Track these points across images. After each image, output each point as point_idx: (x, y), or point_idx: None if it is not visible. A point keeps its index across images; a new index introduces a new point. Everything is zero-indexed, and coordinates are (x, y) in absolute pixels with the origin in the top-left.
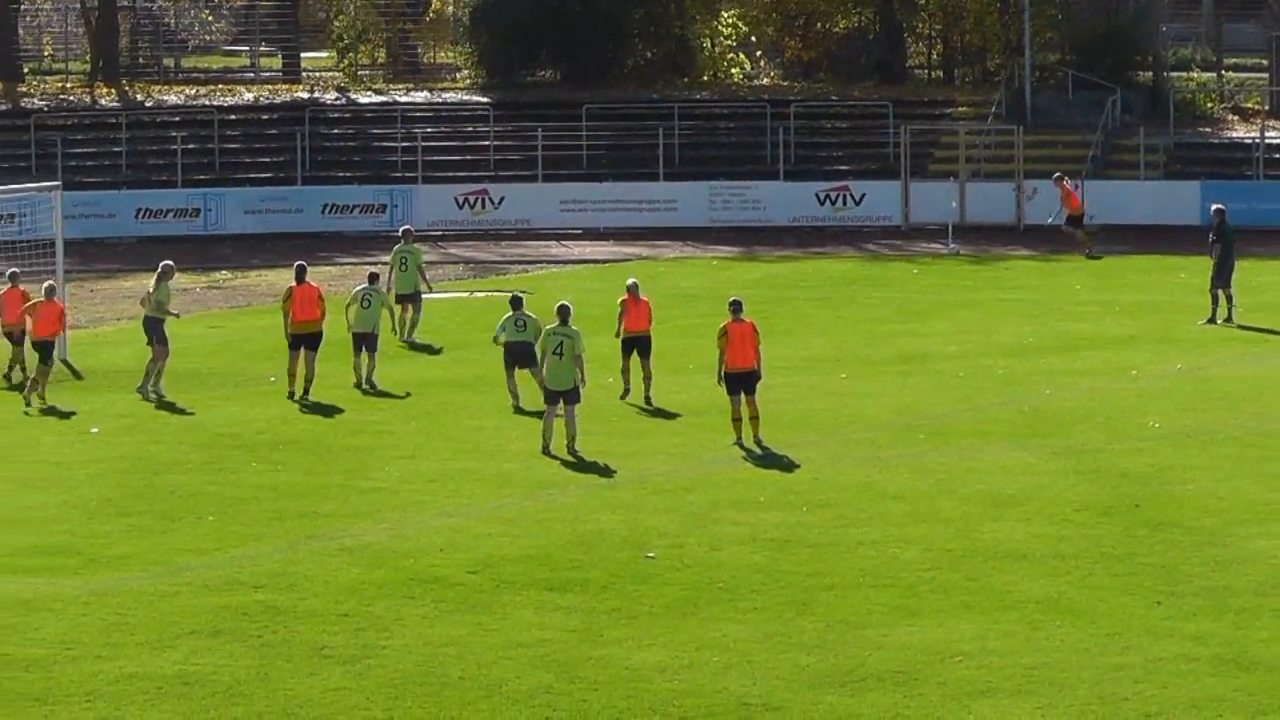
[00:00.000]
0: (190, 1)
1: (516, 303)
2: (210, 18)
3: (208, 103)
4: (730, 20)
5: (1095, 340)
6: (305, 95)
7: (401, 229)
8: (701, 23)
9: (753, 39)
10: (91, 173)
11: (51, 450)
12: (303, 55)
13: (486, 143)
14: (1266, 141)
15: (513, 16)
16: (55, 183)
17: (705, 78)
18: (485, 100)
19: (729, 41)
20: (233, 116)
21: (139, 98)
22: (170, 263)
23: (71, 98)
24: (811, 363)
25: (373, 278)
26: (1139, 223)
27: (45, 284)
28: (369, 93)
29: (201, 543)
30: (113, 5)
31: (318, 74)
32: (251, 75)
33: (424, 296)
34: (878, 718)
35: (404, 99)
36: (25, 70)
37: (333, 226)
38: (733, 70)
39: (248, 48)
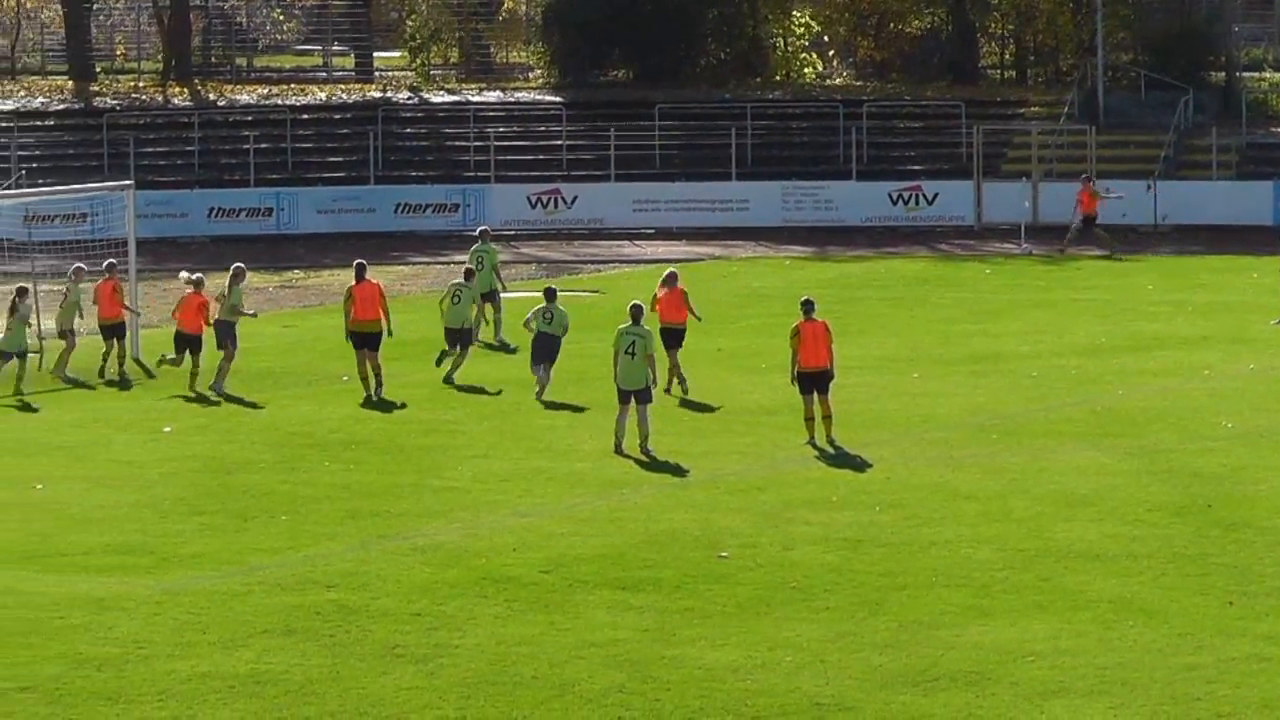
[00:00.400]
0: (262, 1)
1: (550, 294)
2: (282, 17)
3: (280, 102)
4: (803, 20)
5: (1168, 340)
6: (378, 95)
7: (479, 229)
8: (774, 22)
9: (825, 39)
10: (164, 172)
11: (124, 449)
12: (375, 55)
13: (559, 142)
14: None
15: (585, 16)
16: (128, 182)
17: (778, 77)
18: (558, 100)
19: (802, 41)
20: (305, 116)
21: (211, 97)
22: (241, 265)
23: (144, 97)
24: (884, 362)
25: (468, 274)
26: (1211, 223)
27: (194, 275)
28: (441, 92)
29: (274, 542)
30: (185, 4)
31: (390, 74)
32: (324, 75)
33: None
34: (950, 718)
35: (476, 99)
36: (98, 69)
37: (405, 226)
38: (805, 70)
39: (320, 47)
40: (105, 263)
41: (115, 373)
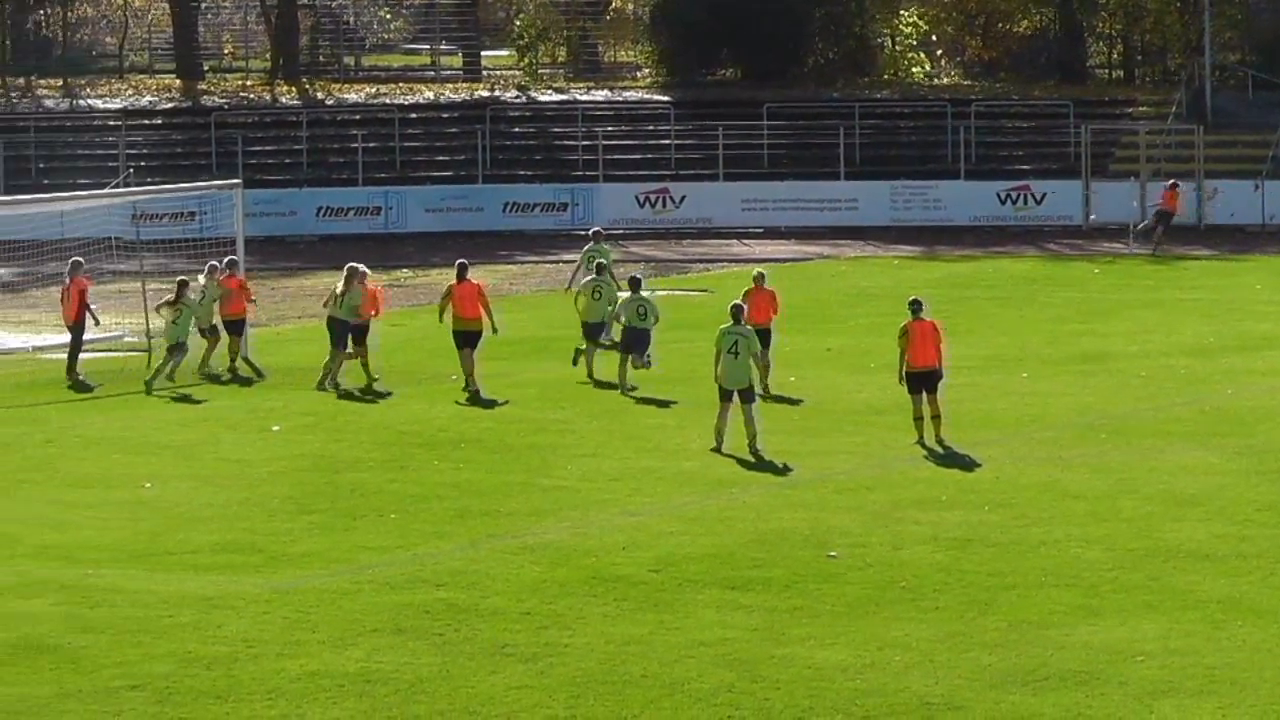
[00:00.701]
0: (370, 0)
1: (635, 284)
2: (390, 16)
3: (388, 101)
4: (910, 19)
5: (1276, 340)
6: (486, 94)
7: (591, 230)
8: (882, 22)
9: (933, 38)
10: (272, 171)
11: (233, 448)
12: (483, 54)
13: (667, 141)
14: None
15: (693, 15)
16: (236, 180)
17: (886, 77)
18: (666, 99)
19: (909, 41)
20: (413, 115)
21: (319, 96)
22: (361, 266)
23: (252, 96)
24: (993, 362)
25: (600, 269)
26: None
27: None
28: (549, 91)
29: (383, 541)
30: (293, 3)
31: (498, 72)
32: (432, 74)
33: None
34: (1059, 717)
35: (584, 97)
36: (206, 68)
37: (514, 225)
38: (913, 69)
39: (428, 46)
40: (226, 259)
41: (227, 369)
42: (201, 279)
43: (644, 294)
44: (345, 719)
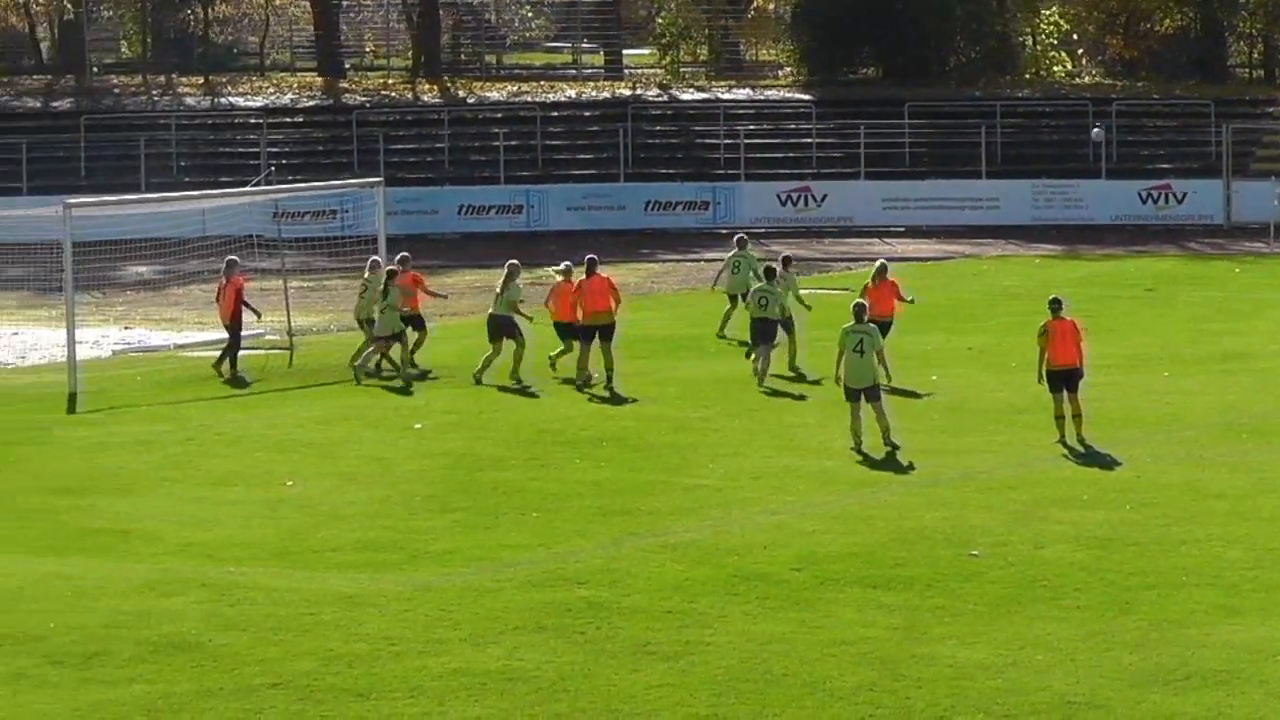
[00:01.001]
0: None
1: (769, 274)
2: (531, 14)
3: (530, 99)
4: (1052, 18)
5: None
6: (627, 92)
7: (736, 237)
8: (1023, 20)
9: (1074, 37)
10: (414, 169)
11: (375, 446)
12: (625, 52)
13: (809, 140)
14: None
15: (835, 13)
16: (377, 179)
17: (1027, 75)
18: (807, 97)
19: (1050, 40)
20: (555, 113)
21: (461, 94)
22: (516, 261)
23: (393, 94)
24: (1134, 361)
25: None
26: None
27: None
28: (691, 90)
29: (525, 539)
30: (435, 2)
31: (640, 71)
32: (574, 72)
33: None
34: (1201, 717)
35: (726, 96)
36: (347, 66)
37: (655, 223)
38: (1054, 68)
39: (569, 44)
40: (399, 255)
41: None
42: (366, 274)
43: (774, 284)
44: (486, 716)
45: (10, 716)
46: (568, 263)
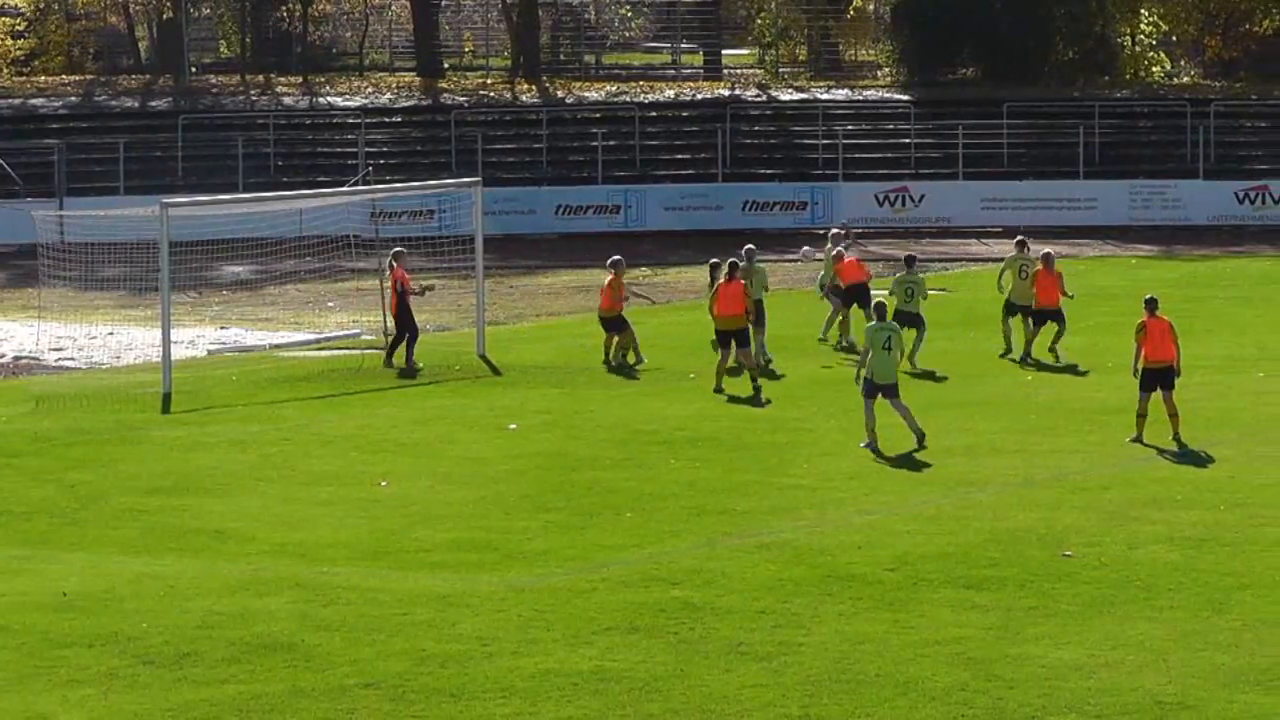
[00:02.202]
0: None
1: (910, 261)
2: (630, 14)
3: (628, 99)
4: (1150, 19)
5: None
6: (726, 92)
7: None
8: (1122, 21)
9: (1173, 38)
10: (512, 169)
11: (470, 446)
12: (723, 52)
13: (907, 140)
14: None
15: (934, 14)
16: (475, 178)
17: (1126, 76)
18: (906, 98)
19: (1149, 40)
20: (653, 113)
21: (559, 94)
22: (620, 257)
23: (492, 94)
24: (1230, 361)
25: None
26: None
27: (729, 260)
28: (790, 90)
29: (619, 539)
30: (534, 2)
31: (738, 71)
32: (672, 72)
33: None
34: None
35: (825, 96)
36: (446, 66)
37: (753, 224)
38: (1153, 69)
39: (668, 45)
40: (612, 259)
41: (615, 360)
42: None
43: (914, 273)
44: (579, 717)
45: (103, 716)
46: (732, 259)
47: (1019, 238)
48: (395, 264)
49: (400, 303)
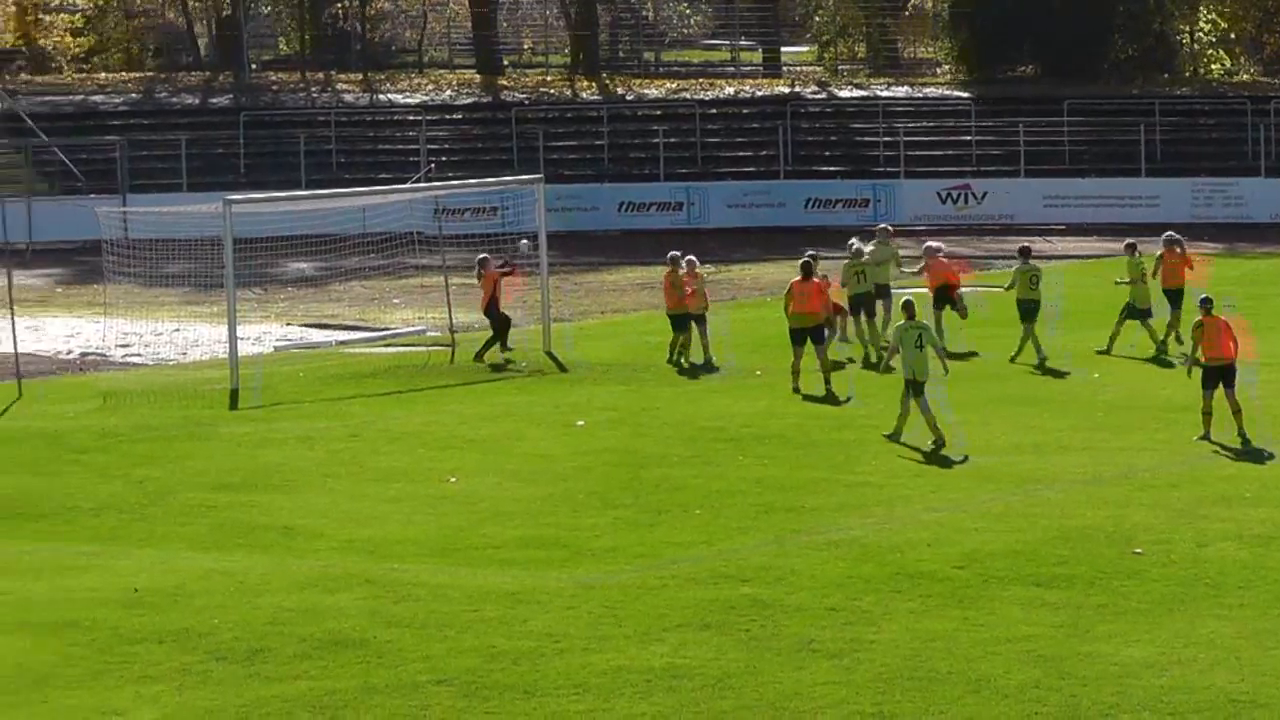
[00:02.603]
0: None
1: (1025, 253)
2: (689, 11)
3: (688, 96)
4: (1210, 16)
5: None
6: (786, 90)
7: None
8: (1181, 19)
9: (1232, 35)
10: (573, 166)
11: (538, 443)
12: (783, 50)
13: (968, 137)
14: None
15: (994, 11)
16: (537, 175)
17: (1186, 74)
18: (966, 95)
19: (1209, 38)
20: (714, 110)
21: (619, 91)
22: (678, 253)
23: (551, 91)
24: None
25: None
26: None
27: (804, 260)
28: (849, 87)
29: (688, 536)
30: None
31: (798, 68)
32: (732, 69)
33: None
34: None
35: (885, 93)
36: (505, 63)
37: (815, 221)
38: (1213, 66)
39: (726, 42)
40: (670, 254)
41: (694, 359)
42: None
43: (1033, 262)
44: (651, 713)
45: (175, 712)
46: (805, 259)
47: (1128, 241)
48: (485, 269)
49: (491, 301)
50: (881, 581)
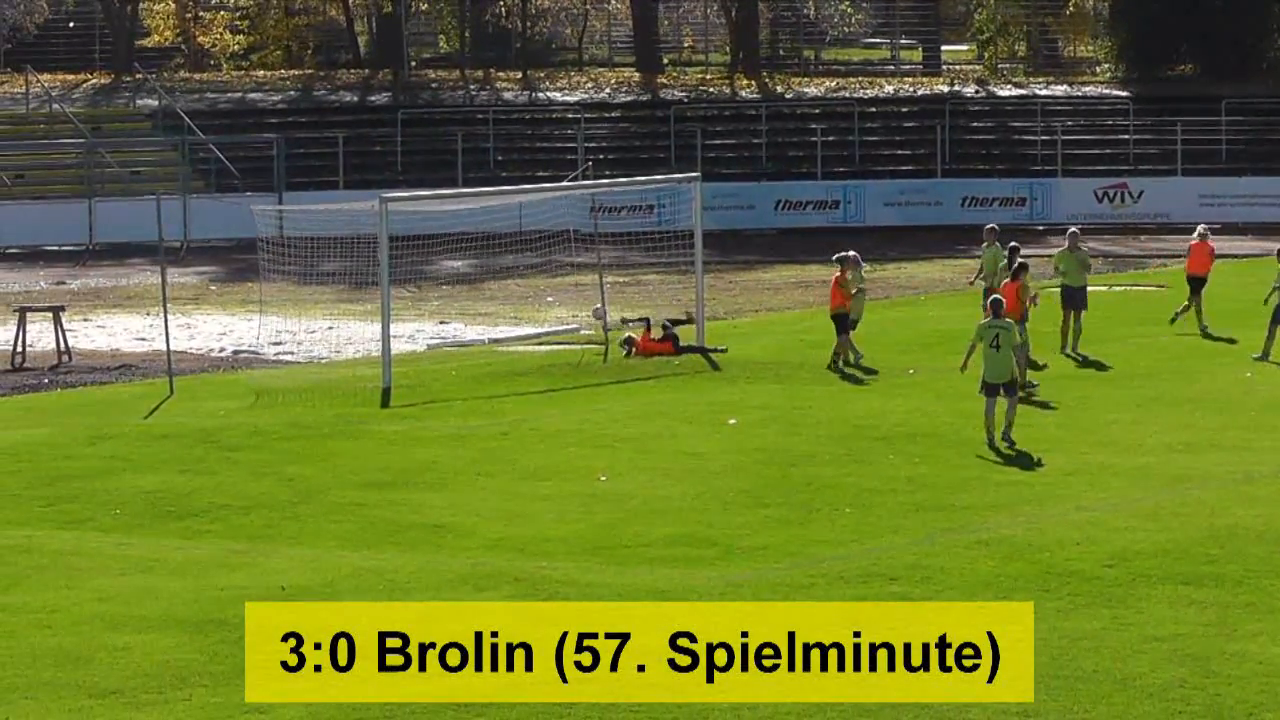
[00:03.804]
0: None
1: (1074, 238)
2: (850, 10)
3: (847, 95)
4: None
5: None
6: (945, 88)
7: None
8: None
9: None
10: (730, 164)
11: (689, 441)
12: (943, 48)
13: (1126, 136)
14: None
15: (1153, 10)
16: (694, 174)
17: None
18: (1124, 94)
19: None
20: (872, 109)
21: (778, 89)
22: (850, 253)
23: (710, 89)
24: None
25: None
26: None
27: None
28: (1008, 86)
29: (838, 534)
30: None
31: (957, 67)
32: (891, 68)
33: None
34: None
35: (1044, 92)
36: (665, 61)
37: (972, 219)
38: None
39: (888, 40)
40: (835, 255)
41: (846, 364)
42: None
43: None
44: (796, 711)
45: (320, 710)
46: (1021, 260)
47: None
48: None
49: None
50: (1030, 580)
